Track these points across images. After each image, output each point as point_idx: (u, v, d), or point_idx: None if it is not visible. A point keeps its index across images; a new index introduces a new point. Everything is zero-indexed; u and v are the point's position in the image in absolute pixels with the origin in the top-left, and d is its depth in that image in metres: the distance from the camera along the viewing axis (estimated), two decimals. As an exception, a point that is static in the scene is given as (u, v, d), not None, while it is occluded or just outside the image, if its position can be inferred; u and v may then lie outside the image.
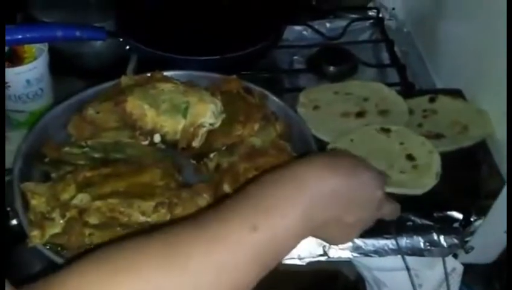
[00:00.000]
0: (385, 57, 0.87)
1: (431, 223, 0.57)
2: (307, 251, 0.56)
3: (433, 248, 0.56)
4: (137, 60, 0.82)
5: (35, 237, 0.48)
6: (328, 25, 0.92)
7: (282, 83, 0.82)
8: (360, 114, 0.68)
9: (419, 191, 0.58)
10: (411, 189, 0.58)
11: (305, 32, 0.92)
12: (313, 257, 0.56)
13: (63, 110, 0.64)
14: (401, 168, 0.60)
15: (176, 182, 0.56)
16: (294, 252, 0.56)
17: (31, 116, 0.77)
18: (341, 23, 0.92)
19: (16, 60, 0.76)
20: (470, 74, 0.72)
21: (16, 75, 0.73)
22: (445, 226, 0.57)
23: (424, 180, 0.58)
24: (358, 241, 0.56)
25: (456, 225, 0.58)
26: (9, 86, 0.73)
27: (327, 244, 0.56)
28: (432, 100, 0.70)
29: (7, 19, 0.81)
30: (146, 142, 0.61)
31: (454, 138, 0.65)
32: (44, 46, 0.75)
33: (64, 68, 0.83)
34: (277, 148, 0.60)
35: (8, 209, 0.67)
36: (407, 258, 0.57)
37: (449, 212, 0.58)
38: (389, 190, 0.56)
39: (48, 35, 0.72)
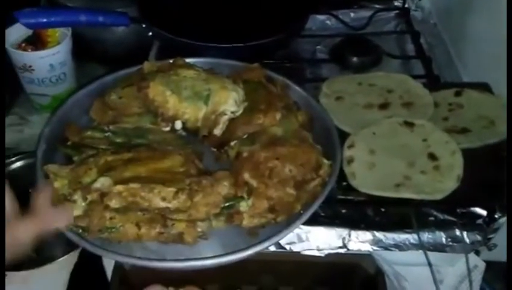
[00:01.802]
0: (410, 49, 0.85)
1: (454, 219, 0.56)
2: (326, 242, 0.56)
3: (455, 244, 0.55)
4: (159, 47, 0.82)
5: (58, 219, 0.48)
6: (352, 14, 0.91)
7: (304, 73, 0.81)
8: (383, 106, 0.67)
9: (438, 196, 0.56)
10: (430, 195, 0.56)
11: (328, 22, 0.91)
12: (332, 249, 0.56)
13: (86, 95, 0.65)
14: (422, 167, 0.59)
15: (197, 169, 0.56)
16: (313, 244, 0.56)
17: (53, 100, 0.78)
18: (366, 13, 0.90)
19: (40, 44, 0.77)
20: (498, 67, 0.69)
21: (39, 59, 0.74)
22: (469, 222, 0.56)
23: (445, 184, 0.57)
24: (379, 235, 0.56)
25: (479, 221, 0.57)
26: (33, 70, 0.74)
27: (347, 237, 0.56)
28: (458, 94, 0.69)
29: (31, 2, 0.82)
30: (167, 129, 0.61)
31: (480, 132, 0.64)
32: (67, 31, 0.76)
33: (86, 54, 0.84)
34: (298, 138, 0.59)
35: (30, 190, 0.69)
36: (428, 253, 0.56)
37: (473, 209, 0.57)
38: (407, 195, 0.56)
39: (72, 20, 0.73)
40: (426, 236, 0.55)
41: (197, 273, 0.56)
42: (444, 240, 0.56)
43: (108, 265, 0.60)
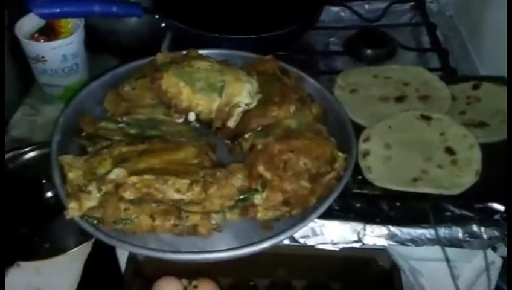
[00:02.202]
0: (425, 41, 0.84)
1: (471, 215, 0.56)
2: (340, 236, 0.55)
3: (472, 240, 0.55)
4: (171, 38, 0.81)
5: (74, 209, 0.48)
6: (366, 6, 0.90)
7: (317, 65, 0.80)
8: (399, 99, 0.66)
9: (456, 191, 0.56)
10: (448, 190, 0.56)
11: (342, 14, 0.90)
12: (347, 243, 0.55)
13: (99, 86, 0.65)
14: (439, 161, 0.58)
15: (210, 161, 0.55)
16: (328, 238, 0.55)
17: (66, 91, 0.78)
18: (380, 4, 0.89)
19: (52, 34, 0.76)
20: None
21: (52, 50, 0.73)
22: (486, 218, 0.55)
23: (463, 178, 0.56)
24: (394, 229, 0.55)
25: (497, 217, 0.56)
26: (45, 61, 0.74)
27: (362, 231, 0.55)
28: (475, 87, 0.67)
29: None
30: (181, 120, 0.61)
31: (498, 127, 0.62)
32: (80, 22, 0.76)
33: (98, 45, 0.84)
34: (313, 131, 0.58)
35: (44, 181, 0.69)
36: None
37: (490, 204, 0.56)
38: (425, 190, 0.55)
39: (86, 10, 0.72)
40: (443, 231, 0.55)
41: (210, 266, 0.56)
42: (460, 235, 0.55)
43: (122, 256, 0.60)
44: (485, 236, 0.55)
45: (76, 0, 0.72)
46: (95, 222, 0.49)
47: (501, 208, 0.56)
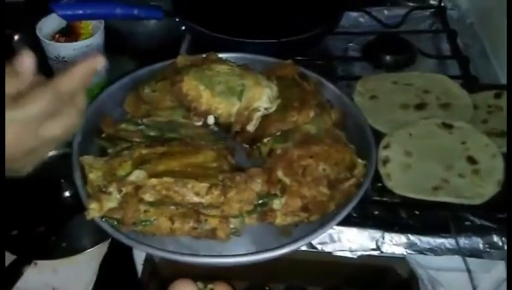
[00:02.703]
0: (445, 48, 0.83)
1: (491, 225, 0.55)
2: (359, 244, 0.55)
3: (493, 250, 0.54)
4: (190, 41, 0.81)
5: (94, 210, 0.48)
6: (386, 12, 0.89)
7: (336, 71, 0.79)
8: (420, 106, 0.66)
9: (478, 201, 0.55)
10: (469, 200, 0.55)
11: (361, 19, 0.89)
12: (365, 251, 0.55)
13: (119, 88, 0.65)
14: (460, 170, 0.57)
15: (229, 165, 0.55)
16: (346, 245, 0.55)
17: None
18: (400, 11, 0.88)
19: (73, 36, 0.77)
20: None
21: (72, 51, 0.74)
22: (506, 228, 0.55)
23: (485, 188, 0.56)
24: (414, 238, 0.54)
25: (518, 227, 0.55)
26: (65, 61, 0.74)
27: (380, 239, 0.55)
28: (497, 96, 0.67)
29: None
30: (199, 123, 0.61)
31: (520, 136, 0.62)
32: (100, 24, 0.76)
33: (117, 47, 0.84)
34: (332, 137, 0.58)
35: (62, 181, 0.70)
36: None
37: (511, 214, 0.55)
38: (446, 199, 0.54)
39: (107, 13, 0.73)
40: (463, 241, 0.54)
41: (226, 270, 0.56)
42: (481, 246, 0.54)
43: (138, 257, 0.61)
44: (505, 247, 0.54)
45: (98, 3, 0.73)
46: (115, 223, 0.49)
47: (523, 218, 0.55)
